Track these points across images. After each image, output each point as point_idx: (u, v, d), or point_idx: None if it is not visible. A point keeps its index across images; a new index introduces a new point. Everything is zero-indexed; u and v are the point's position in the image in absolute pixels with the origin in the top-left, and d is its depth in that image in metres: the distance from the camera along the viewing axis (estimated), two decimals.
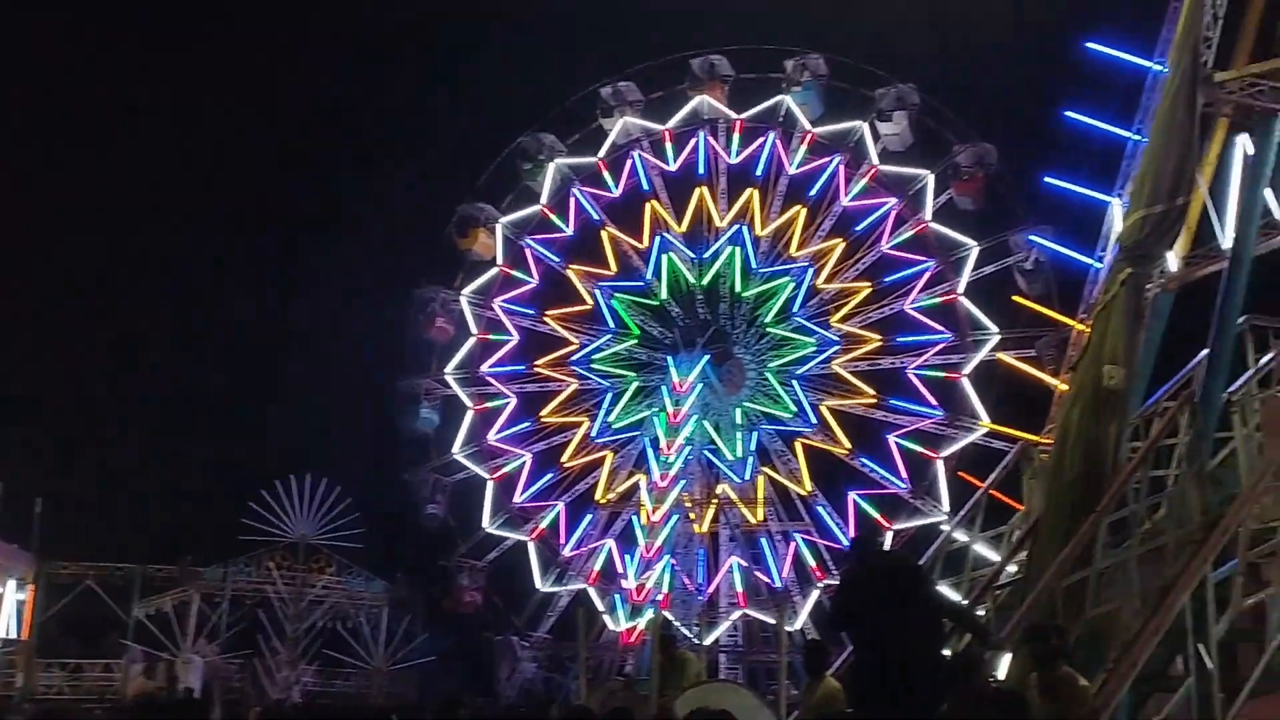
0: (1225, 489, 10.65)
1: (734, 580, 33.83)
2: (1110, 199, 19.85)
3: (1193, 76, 11.33)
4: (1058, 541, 10.22)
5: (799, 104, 34.24)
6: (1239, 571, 8.66)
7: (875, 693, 8.37)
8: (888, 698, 8.22)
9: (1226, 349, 12.71)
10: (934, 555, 12.79)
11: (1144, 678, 8.53)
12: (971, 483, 21.44)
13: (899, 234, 33.90)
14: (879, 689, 8.33)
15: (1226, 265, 13.36)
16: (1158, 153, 11.53)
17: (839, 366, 34.46)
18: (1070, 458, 10.93)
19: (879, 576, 8.74)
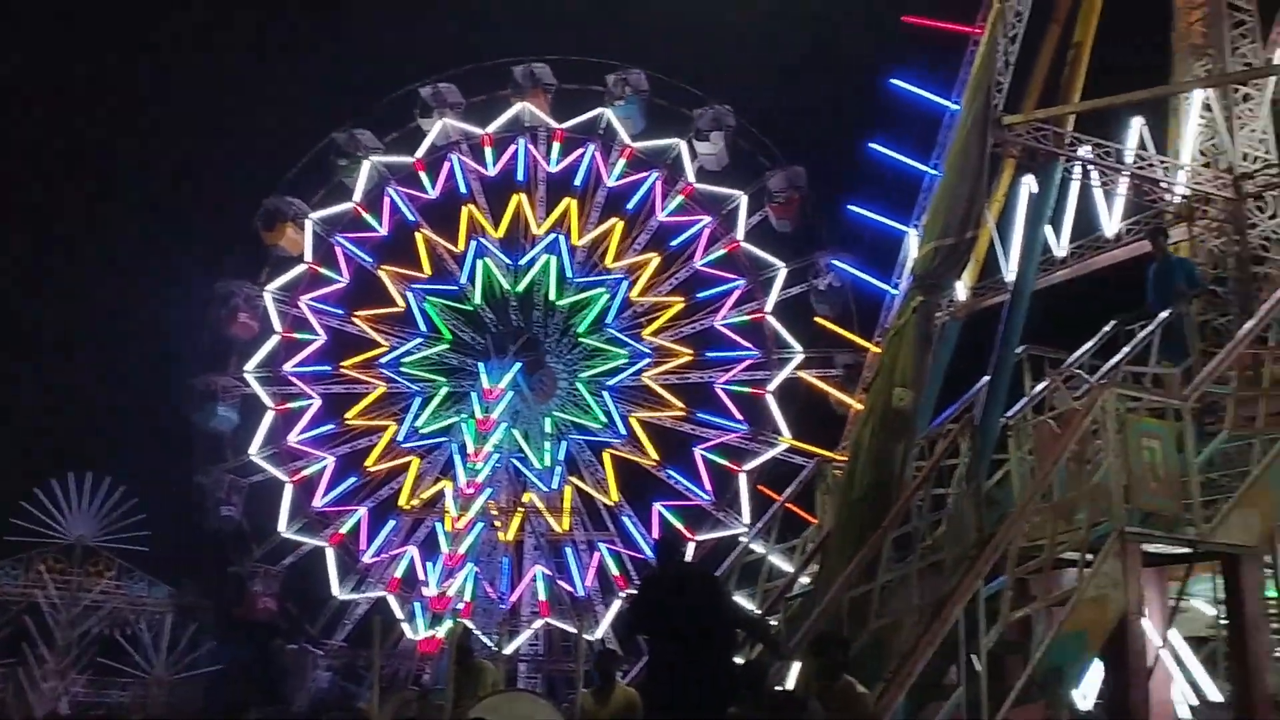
0: (999, 508, 11.31)
1: (537, 589, 33.76)
2: (907, 229, 20.79)
3: (984, 118, 12.01)
4: (846, 555, 10.63)
5: (620, 118, 34.61)
6: (1008, 587, 9.15)
7: (668, 700, 8.49)
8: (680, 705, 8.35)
9: (1005, 376, 13.47)
10: (731, 566, 13.08)
11: (920, 686, 8.94)
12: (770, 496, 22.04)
13: (712, 251, 34.65)
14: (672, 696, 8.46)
15: (1008, 297, 14.17)
16: (950, 188, 12.16)
17: (650, 379, 34.92)
18: (861, 474, 11.40)
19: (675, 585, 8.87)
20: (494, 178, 36.16)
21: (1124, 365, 13.03)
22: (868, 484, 11.15)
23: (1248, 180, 14.83)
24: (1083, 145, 14.71)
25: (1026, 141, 13.59)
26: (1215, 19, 15.46)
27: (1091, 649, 8.87)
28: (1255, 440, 10.62)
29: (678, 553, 9.82)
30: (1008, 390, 13.83)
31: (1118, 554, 9.08)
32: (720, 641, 8.58)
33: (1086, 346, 14.28)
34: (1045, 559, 9.40)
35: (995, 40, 13.60)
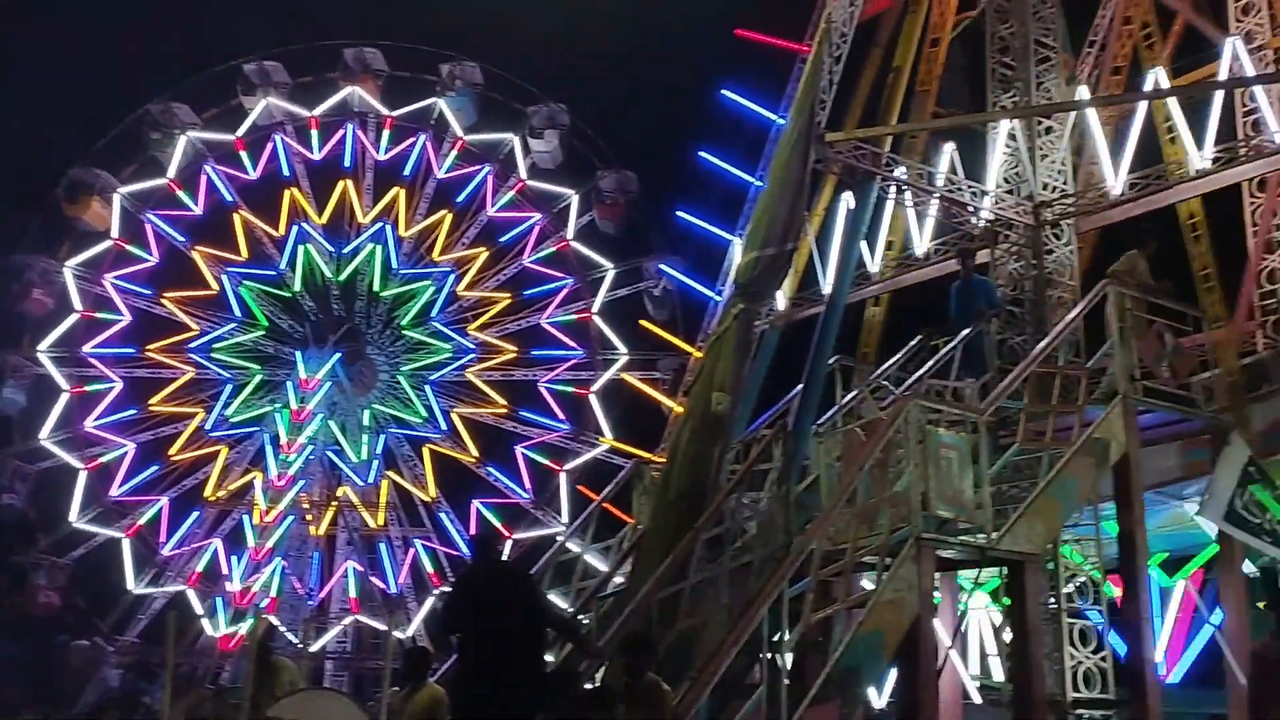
0: (808, 512, 11.68)
1: (348, 585, 32.95)
2: (733, 238, 21.24)
3: (807, 134, 12.38)
4: (659, 555, 10.79)
5: (453, 109, 34.14)
6: (811, 589, 9.46)
7: (475, 699, 8.43)
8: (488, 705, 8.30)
9: (818, 385, 13.91)
10: (547, 564, 13.10)
11: (724, 685, 9.15)
12: (589, 496, 22.17)
13: (541, 249, 34.54)
14: (480, 696, 8.40)
15: (824, 309, 14.65)
16: (773, 200, 12.48)
17: (473, 375, 34.56)
18: (677, 476, 11.58)
19: (489, 583, 8.82)
20: (319, 162, 35.07)
21: (928, 378, 13.68)
22: (683, 486, 11.34)
23: (1046, 208, 15.77)
24: (899, 166, 15.37)
25: (846, 159, 14.08)
26: (1023, 54, 16.40)
27: (887, 649, 9.25)
28: (1043, 454, 11.32)
29: (493, 551, 9.76)
30: (820, 398, 14.31)
31: (914, 559, 9.51)
32: (531, 641, 8.58)
33: (894, 359, 14.94)
34: (847, 562, 9.76)
35: (821, 59, 14.05)
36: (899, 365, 14.85)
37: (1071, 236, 15.92)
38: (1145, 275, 13.32)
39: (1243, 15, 19.44)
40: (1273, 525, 11.52)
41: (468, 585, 9.27)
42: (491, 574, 8.84)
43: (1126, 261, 13.54)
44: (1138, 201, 14.91)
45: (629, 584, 11.63)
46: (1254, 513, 11.60)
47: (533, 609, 8.54)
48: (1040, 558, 10.91)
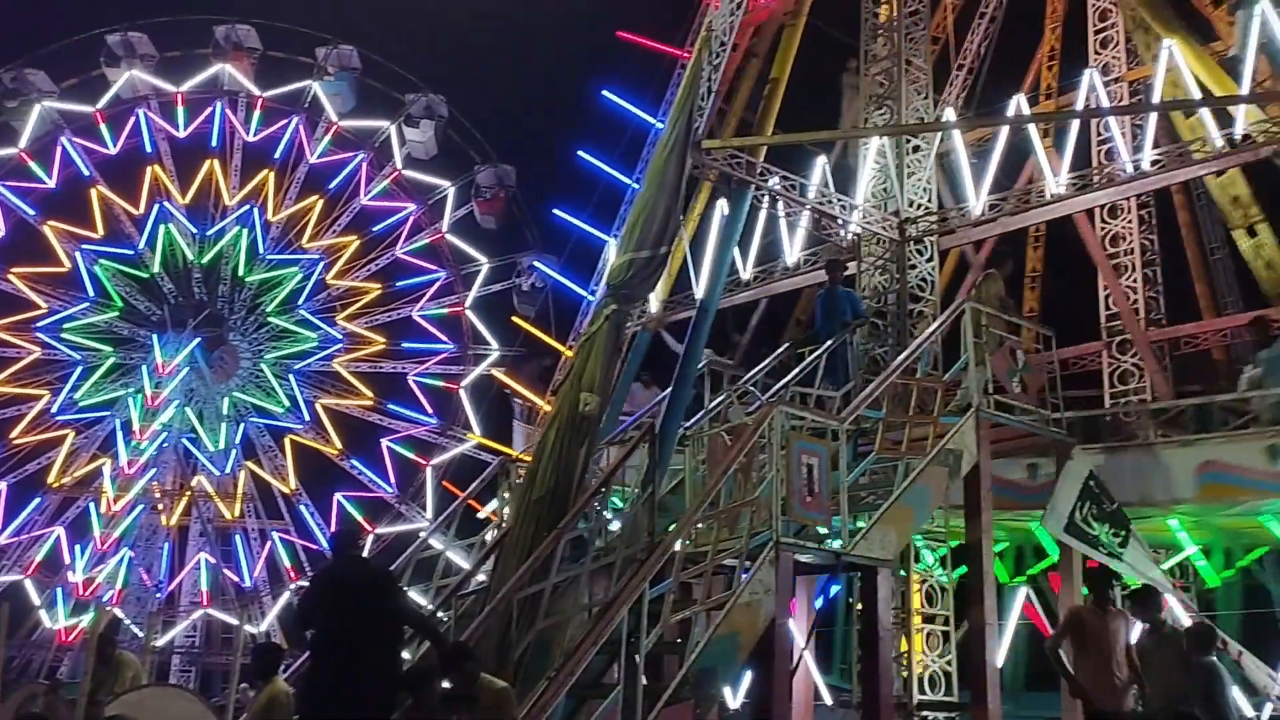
0: (672, 514, 11.80)
1: (200, 578, 31.90)
2: (608, 238, 21.31)
3: (684, 140, 12.48)
4: (522, 554, 10.74)
5: (328, 93, 33.37)
6: (672, 590, 9.55)
7: (325, 697, 8.28)
8: (338, 702, 8.16)
9: (687, 388, 14.03)
10: (408, 560, 12.91)
11: (582, 685, 9.18)
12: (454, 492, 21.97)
13: (415, 240, 34.06)
14: (329, 693, 8.25)
15: (695, 313, 14.79)
16: (649, 203, 12.53)
17: (340, 365, 33.87)
18: (542, 475, 11.53)
19: (345, 580, 8.67)
20: (184, 140, 33.86)
21: (793, 385, 13.96)
22: (548, 485, 11.30)
23: (911, 225, 16.26)
24: (773, 176, 15.64)
25: (722, 167, 14.28)
26: (895, 73, 16.87)
27: (743, 650, 9.39)
28: (899, 463, 11.66)
29: (352, 546, 9.60)
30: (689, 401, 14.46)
31: (772, 562, 9.68)
32: (387, 640, 8.46)
33: (761, 365, 15.20)
34: (708, 564, 9.89)
35: (700, 66, 14.17)
36: (765, 371, 15.11)
37: (934, 253, 16.45)
38: (1000, 293, 13.84)
39: (1101, 49, 20.40)
40: (1108, 537, 12.08)
41: (325, 581, 9.11)
42: (349, 570, 8.68)
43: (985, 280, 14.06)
44: (996, 222, 15.47)
45: (490, 582, 11.55)
46: (1091, 525, 12.16)
47: (390, 607, 8.43)
48: (892, 564, 11.22)
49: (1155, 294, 19.69)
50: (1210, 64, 13.59)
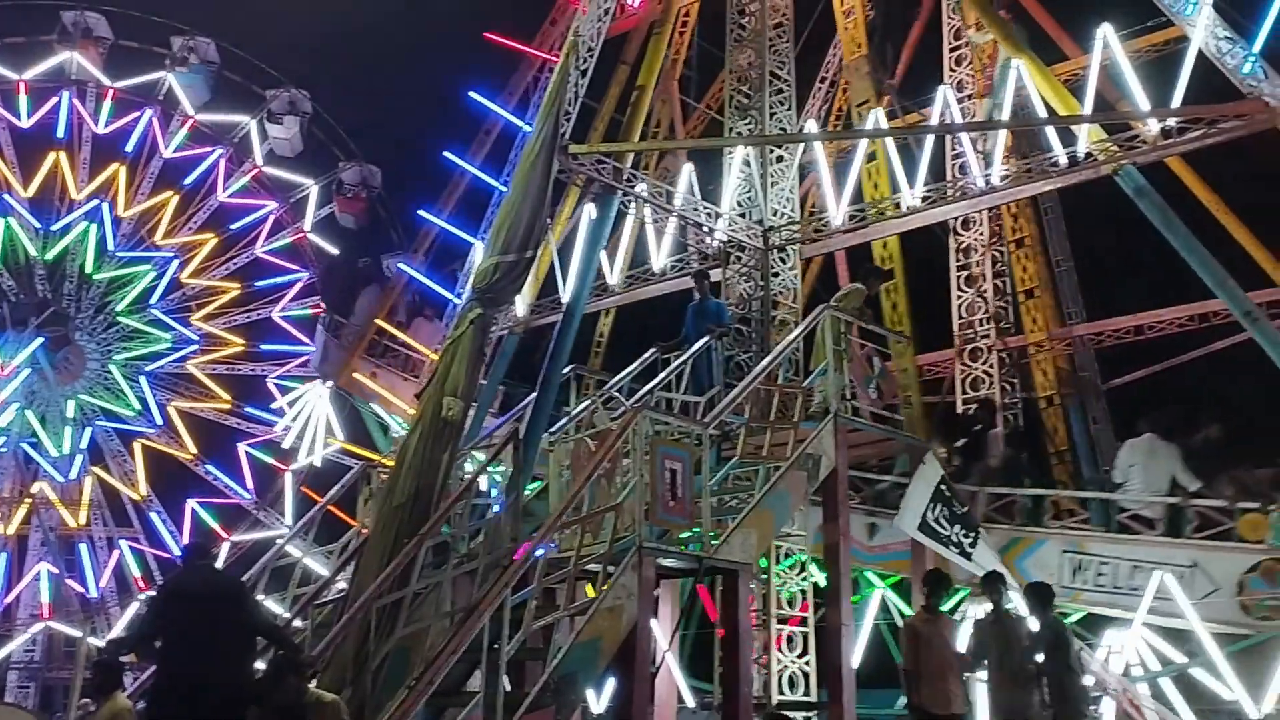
0: (536, 520, 11.75)
1: (40, 589, 30.37)
2: (475, 240, 21.14)
3: (551, 143, 12.47)
4: (382, 561, 10.55)
5: (183, 85, 32.18)
6: (535, 596, 9.51)
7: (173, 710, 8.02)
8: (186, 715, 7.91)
9: (552, 393, 14.06)
10: (263, 568, 12.55)
11: (442, 693, 9.06)
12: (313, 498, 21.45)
13: (276, 239, 33.15)
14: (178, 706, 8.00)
15: (560, 318, 14.81)
16: (515, 206, 12.48)
17: (195, 367, 32.72)
18: (404, 481, 11.34)
19: (195, 589, 8.41)
20: (28, 130, 32.21)
21: (658, 391, 14.07)
22: (410, 491, 11.13)
23: (774, 233, 16.57)
24: (640, 183, 15.75)
25: (589, 172, 14.31)
26: (759, 84, 17.18)
27: (605, 655, 9.41)
28: (760, 467, 11.88)
29: (203, 556, 9.30)
30: (554, 407, 14.44)
31: (635, 567, 9.73)
32: (238, 650, 8.22)
33: (627, 370, 15.28)
34: (571, 570, 9.88)
35: (567, 70, 14.19)
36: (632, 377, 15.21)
37: (796, 261, 16.79)
38: (861, 306, 14.22)
39: (955, 66, 21.16)
40: (959, 537, 12.54)
41: (173, 591, 8.81)
42: (199, 580, 8.40)
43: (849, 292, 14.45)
44: (855, 232, 15.88)
45: (350, 590, 11.32)
46: (943, 525, 12.60)
47: (240, 617, 8.20)
48: (753, 567, 11.41)
49: (1004, 304, 20.51)
50: (1056, 85, 14.22)
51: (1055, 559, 13.38)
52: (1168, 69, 13.67)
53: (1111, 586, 13.10)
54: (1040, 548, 13.63)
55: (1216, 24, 13.62)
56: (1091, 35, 14.33)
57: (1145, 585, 12.70)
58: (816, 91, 22.04)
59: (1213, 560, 12.50)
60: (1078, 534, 13.76)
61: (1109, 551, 13.26)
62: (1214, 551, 12.72)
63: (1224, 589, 12.29)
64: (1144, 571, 12.81)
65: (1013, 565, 13.50)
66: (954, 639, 11.08)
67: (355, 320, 25.99)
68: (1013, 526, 14.09)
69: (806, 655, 14.70)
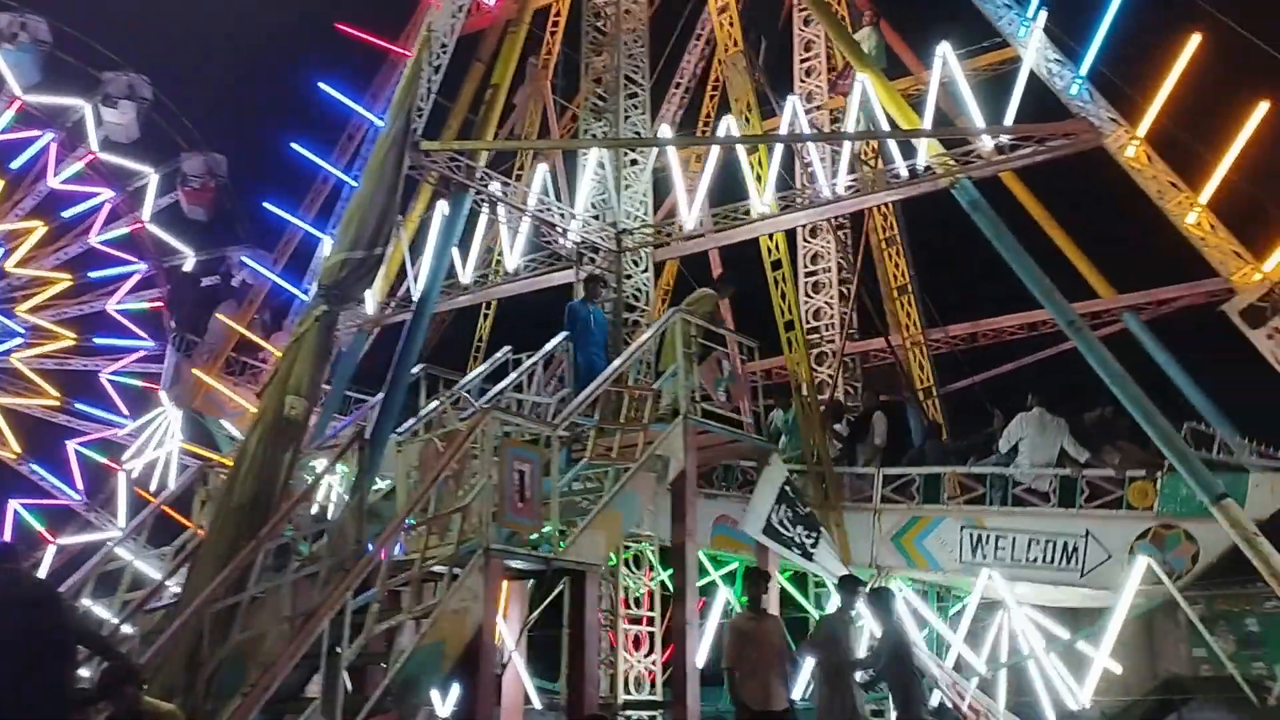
0: (383, 522, 11.55)
1: None
2: (324, 235, 20.63)
3: (402, 139, 12.30)
4: (219, 564, 10.22)
5: (10, 65, 30.40)
6: (378, 599, 9.36)
7: None
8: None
9: (400, 392, 13.84)
10: (90, 572, 12.00)
11: (279, 699, 8.82)
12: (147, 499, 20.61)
13: (112, 229, 31.67)
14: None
15: (410, 316, 14.59)
16: (365, 202, 12.28)
17: (20, 361, 30.97)
18: (243, 481, 11.03)
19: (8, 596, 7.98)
20: None
21: (509, 392, 14.02)
22: (248, 492, 10.83)
23: (628, 236, 16.68)
24: (493, 181, 15.65)
25: (441, 169, 14.14)
26: (613, 88, 17.28)
27: (448, 658, 9.31)
28: (610, 469, 11.95)
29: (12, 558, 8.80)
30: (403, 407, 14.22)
31: (481, 569, 9.66)
32: (54, 658, 7.83)
33: (478, 371, 15.17)
34: (415, 572, 9.76)
35: (420, 66, 14.01)
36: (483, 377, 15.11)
37: (649, 264, 16.94)
38: (713, 311, 14.43)
39: (805, 77, 21.70)
40: (801, 538, 12.84)
41: None
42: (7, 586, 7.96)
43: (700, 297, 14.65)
44: (707, 237, 16.12)
45: (184, 595, 10.92)
46: (786, 526, 12.89)
47: (56, 625, 7.81)
48: (601, 567, 11.46)
49: (849, 309, 21.11)
50: (898, 100, 14.71)
51: (955, 535, 13.47)
52: (1004, 88, 14.27)
53: (1010, 560, 13.27)
54: (939, 525, 13.71)
55: (1047, 47, 14.34)
56: (933, 52, 14.86)
57: (1043, 557, 12.96)
58: (671, 96, 22.29)
59: (1105, 529, 12.77)
60: (975, 510, 13.80)
61: (1007, 525, 13.40)
62: (1106, 521, 13.02)
63: (1115, 557, 12.56)
64: (1040, 544, 13.06)
65: (913, 545, 13.73)
66: (778, 637, 11.31)
67: (210, 340, 24.98)
68: (911, 506, 14.16)
69: (653, 655, 14.86)
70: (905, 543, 13.71)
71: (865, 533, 14.13)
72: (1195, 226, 13.05)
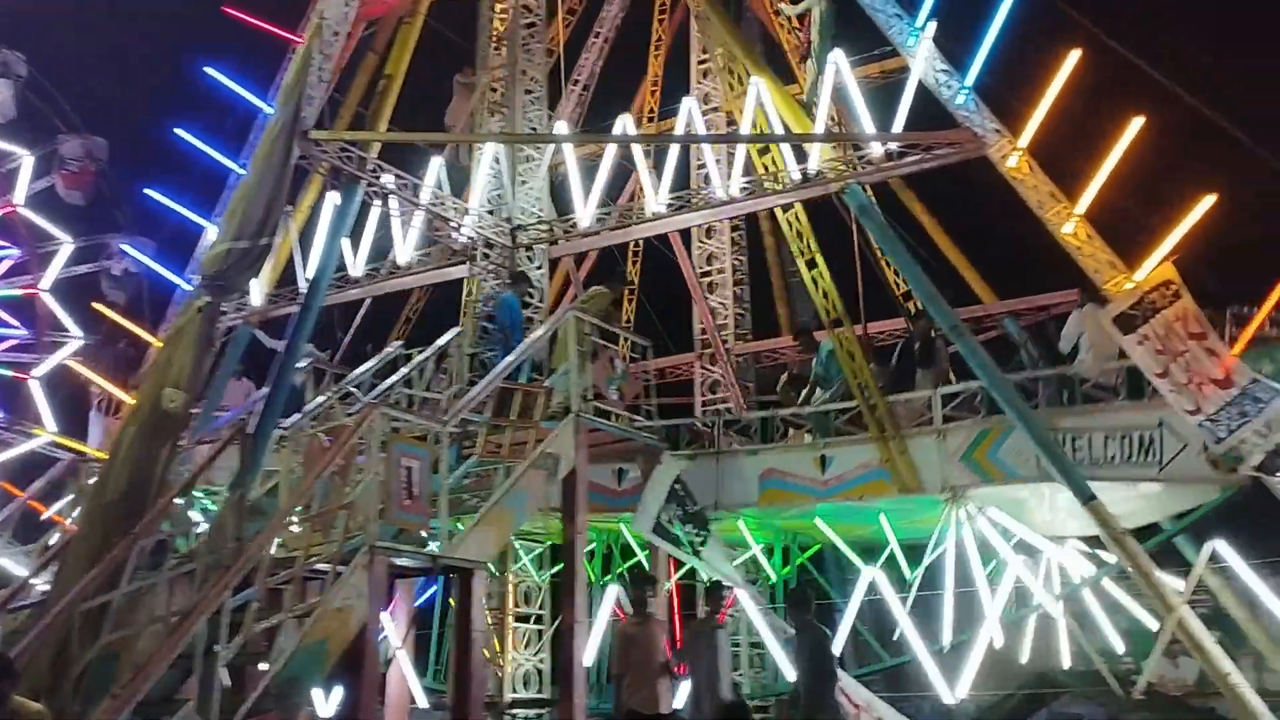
0: (266, 518, 11.27)
1: None
2: (208, 224, 20.07)
3: (291, 128, 12.03)
4: (90, 561, 9.87)
5: None
6: (259, 598, 9.14)
7: None
8: None
9: (285, 385, 13.53)
10: None
11: (151, 701, 8.55)
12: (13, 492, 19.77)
13: None
14: None
15: (299, 308, 14.28)
16: (251, 190, 11.97)
17: None
18: (117, 476, 10.67)
19: None
20: None
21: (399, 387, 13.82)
22: (122, 486, 10.47)
23: (522, 232, 16.59)
24: (386, 174, 15.40)
25: (331, 159, 13.88)
26: (511, 82, 17.18)
27: (330, 657, 9.13)
28: (499, 466, 11.86)
29: None
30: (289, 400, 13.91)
31: (366, 566, 9.50)
32: None
33: (367, 365, 14.92)
34: (297, 570, 9.55)
35: (311, 53, 13.73)
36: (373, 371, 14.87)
37: (544, 261, 16.88)
38: (606, 308, 14.45)
39: (703, 79, 21.84)
40: (690, 537, 12.91)
41: None
42: None
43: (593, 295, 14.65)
44: (601, 235, 16.12)
45: (52, 592, 10.51)
46: (675, 525, 12.94)
47: None
48: (488, 565, 11.38)
49: (743, 310, 21.32)
50: (791, 104, 14.91)
51: (1029, 441, 12.60)
52: (896, 95, 14.57)
53: (1089, 459, 12.46)
54: (1011, 435, 12.89)
55: (936, 57, 14.67)
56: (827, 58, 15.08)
57: (1120, 454, 12.28)
58: (569, 93, 22.22)
59: (1177, 417, 11.88)
60: (1046, 412, 13.08)
61: (1080, 424, 12.71)
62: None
63: (1193, 445, 11.87)
64: (1116, 439, 12.33)
65: (986, 459, 13.05)
66: (662, 640, 11.38)
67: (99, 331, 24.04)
68: (977, 420, 13.40)
69: (542, 653, 14.81)
70: (978, 458, 12.99)
71: (932, 457, 13.34)
72: (1072, 236, 13.49)
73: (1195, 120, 14.26)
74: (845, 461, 13.79)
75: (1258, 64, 20.22)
